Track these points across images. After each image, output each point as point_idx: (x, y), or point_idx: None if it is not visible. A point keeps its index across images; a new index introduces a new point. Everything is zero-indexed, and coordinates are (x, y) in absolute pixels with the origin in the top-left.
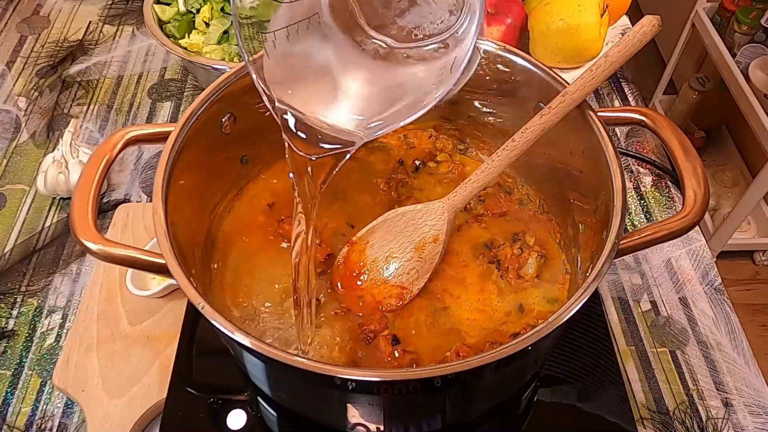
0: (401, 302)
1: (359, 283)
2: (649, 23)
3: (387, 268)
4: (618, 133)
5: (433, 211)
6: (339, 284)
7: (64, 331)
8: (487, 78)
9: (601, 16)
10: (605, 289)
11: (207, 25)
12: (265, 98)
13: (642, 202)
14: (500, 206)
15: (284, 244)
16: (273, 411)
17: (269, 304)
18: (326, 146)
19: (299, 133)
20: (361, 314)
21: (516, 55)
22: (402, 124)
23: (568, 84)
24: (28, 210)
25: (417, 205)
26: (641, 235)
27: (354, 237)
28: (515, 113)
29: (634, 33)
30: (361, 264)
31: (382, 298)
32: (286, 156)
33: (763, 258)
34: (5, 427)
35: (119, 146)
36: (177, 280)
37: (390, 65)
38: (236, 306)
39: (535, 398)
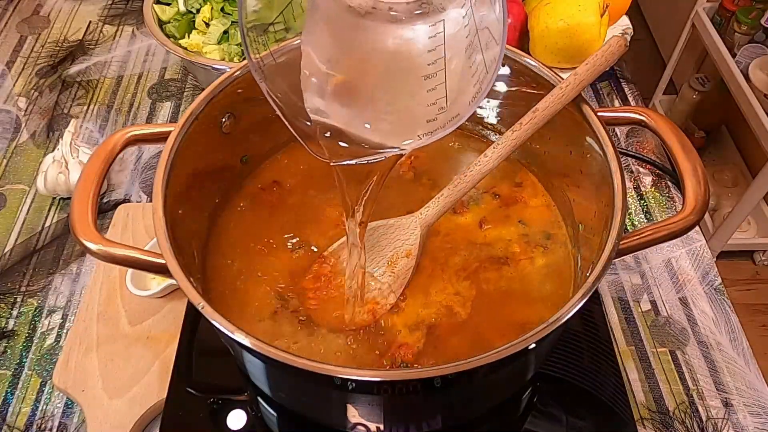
0: (373, 317)
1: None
2: (616, 43)
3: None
4: (618, 133)
5: (406, 226)
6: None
7: (64, 331)
8: None
9: (601, 16)
10: (605, 289)
11: (207, 25)
12: (287, 123)
13: (642, 202)
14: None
15: (289, 243)
16: (273, 411)
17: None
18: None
19: (341, 143)
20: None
21: (516, 55)
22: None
23: None
24: (28, 210)
25: (389, 219)
26: (641, 235)
27: (325, 252)
28: (514, 114)
29: (602, 52)
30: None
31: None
32: (336, 180)
33: (763, 258)
34: (5, 427)
35: (119, 146)
36: (177, 280)
37: (382, 26)
38: (236, 306)
39: (535, 398)
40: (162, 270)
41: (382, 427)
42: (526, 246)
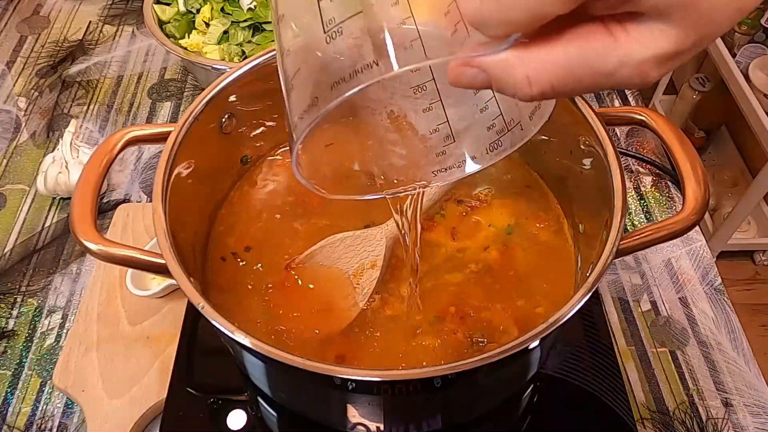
0: (340, 326)
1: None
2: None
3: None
4: (618, 133)
5: (372, 237)
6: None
7: (64, 331)
8: None
9: None
10: (605, 289)
11: (207, 25)
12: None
13: (642, 202)
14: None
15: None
16: (273, 411)
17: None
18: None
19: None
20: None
21: None
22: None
23: None
24: (28, 210)
25: (356, 231)
26: (641, 235)
27: (292, 261)
28: None
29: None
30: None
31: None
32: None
33: (763, 258)
34: (5, 427)
35: (119, 146)
36: (177, 280)
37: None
38: (237, 306)
39: (535, 398)
40: (162, 270)
41: (382, 427)
42: (506, 247)
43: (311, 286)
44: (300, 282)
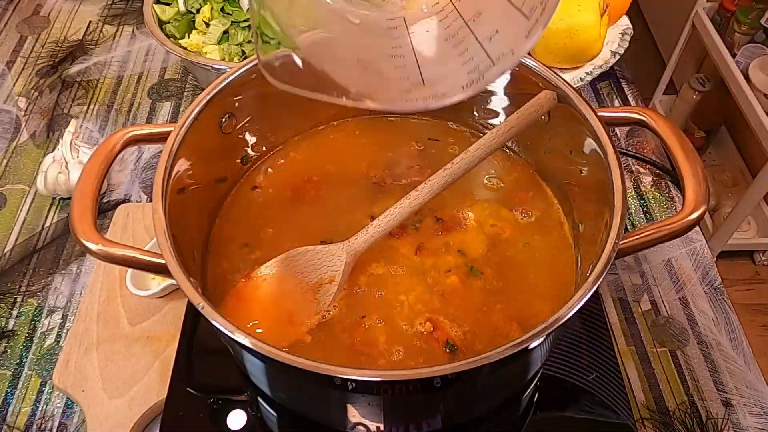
0: (296, 337)
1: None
2: (545, 97)
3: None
4: (618, 133)
5: (333, 253)
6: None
7: (64, 331)
8: None
9: (601, 16)
10: (605, 289)
11: (207, 25)
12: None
13: (642, 202)
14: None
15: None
16: (273, 411)
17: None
18: None
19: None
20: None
21: None
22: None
23: (569, 83)
24: (28, 210)
25: (317, 246)
26: (641, 235)
27: (253, 273)
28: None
29: (532, 104)
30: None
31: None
32: None
33: (763, 258)
34: (5, 427)
35: (119, 146)
36: (177, 280)
37: None
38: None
39: (535, 398)
40: (162, 270)
41: (382, 427)
42: (464, 277)
43: (269, 296)
44: (258, 292)
